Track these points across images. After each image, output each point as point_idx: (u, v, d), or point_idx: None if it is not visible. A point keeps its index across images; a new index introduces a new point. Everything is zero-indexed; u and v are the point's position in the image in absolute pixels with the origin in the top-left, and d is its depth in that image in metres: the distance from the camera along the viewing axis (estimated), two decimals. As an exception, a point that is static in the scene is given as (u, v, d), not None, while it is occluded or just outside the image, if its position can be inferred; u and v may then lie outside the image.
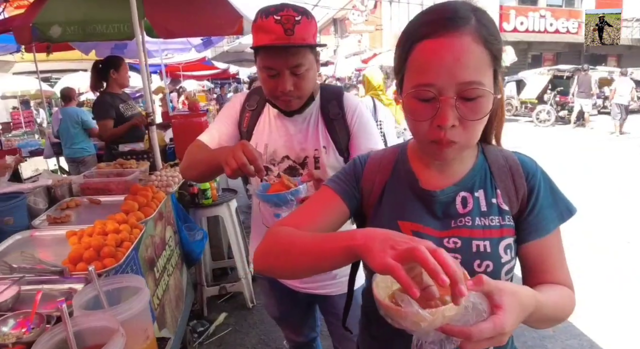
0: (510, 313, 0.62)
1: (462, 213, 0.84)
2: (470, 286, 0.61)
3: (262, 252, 0.85)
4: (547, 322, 0.79)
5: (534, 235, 0.83)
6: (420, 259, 0.55)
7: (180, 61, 10.80)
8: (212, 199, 2.87)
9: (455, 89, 0.72)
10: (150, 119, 2.78)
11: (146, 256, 2.00)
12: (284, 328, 1.82)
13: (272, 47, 1.21)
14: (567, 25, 20.71)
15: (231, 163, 1.09)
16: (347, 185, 0.93)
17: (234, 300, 3.18)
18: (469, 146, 0.80)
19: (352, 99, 1.42)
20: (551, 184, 0.86)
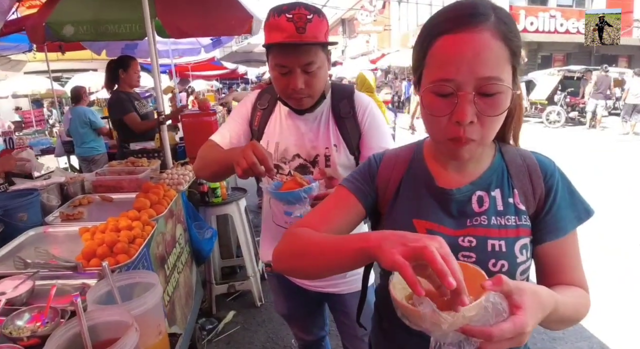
0: (531, 313, 0.62)
1: (478, 212, 0.84)
2: (489, 286, 0.60)
3: (281, 252, 0.86)
4: (562, 323, 0.78)
5: (551, 236, 0.83)
6: (429, 259, 0.56)
7: (189, 61, 10.87)
8: (221, 197, 2.88)
9: (474, 85, 0.71)
10: (162, 118, 2.79)
11: (157, 253, 2.02)
12: (293, 326, 1.82)
13: (284, 45, 1.21)
14: (577, 25, 20.46)
15: (242, 163, 1.11)
16: (362, 184, 0.94)
17: (242, 298, 3.19)
18: (486, 144, 0.79)
19: (363, 98, 1.42)
20: (569, 184, 0.86)
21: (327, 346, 1.92)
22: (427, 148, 0.93)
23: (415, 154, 0.94)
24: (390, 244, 0.61)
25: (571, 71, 14.50)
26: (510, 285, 0.61)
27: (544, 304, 0.66)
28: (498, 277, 0.61)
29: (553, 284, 0.84)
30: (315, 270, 0.81)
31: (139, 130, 3.51)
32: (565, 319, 0.77)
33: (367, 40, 25.18)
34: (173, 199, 2.18)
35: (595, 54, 20.62)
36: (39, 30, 3.22)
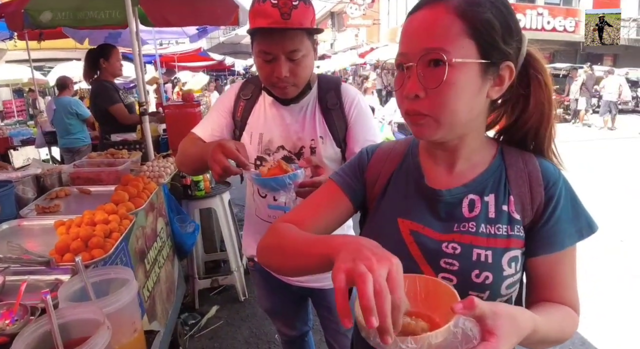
0: (504, 340, 0.57)
1: (468, 217, 0.78)
2: (459, 310, 0.56)
3: (263, 247, 0.86)
4: (542, 344, 0.73)
5: (547, 249, 0.77)
6: (359, 290, 0.51)
7: (175, 52, 10.70)
8: (205, 191, 2.83)
9: (419, 56, 0.70)
10: (143, 109, 2.72)
11: (136, 247, 1.97)
12: (276, 321, 1.79)
13: (268, 31, 1.17)
14: (564, 23, 20.71)
15: (215, 168, 1.10)
16: (352, 179, 0.90)
17: (226, 293, 3.15)
18: (449, 124, 0.72)
19: (350, 90, 1.39)
20: (573, 196, 0.78)
21: (311, 341, 1.90)
22: (423, 143, 0.88)
23: (410, 148, 0.90)
24: (344, 256, 0.57)
25: (557, 69, 14.67)
26: (483, 308, 0.57)
27: (521, 328, 0.61)
28: (470, 299, 0.56)
29: (542, 299, 0.79)
30: (290, 269, 0.81)
31: (126, 122, 3.44)
32: (547, 341, 0.72)
33: (356, 34, 25.09)
34: (153, 192, 2.12)
35: (581, 52, 20.89)
36: (18, 17, 3.14)
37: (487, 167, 0.81)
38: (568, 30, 20.89)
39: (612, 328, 2.70)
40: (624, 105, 14.96)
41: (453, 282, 0.75)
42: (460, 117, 0.73)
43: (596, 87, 13.63)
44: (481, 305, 0.57)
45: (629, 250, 3.89)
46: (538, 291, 0.80)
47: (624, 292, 3.15)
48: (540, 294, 0.79)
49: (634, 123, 12.54)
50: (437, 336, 0.53)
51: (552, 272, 0.78)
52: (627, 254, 3.81)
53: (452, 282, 0.75)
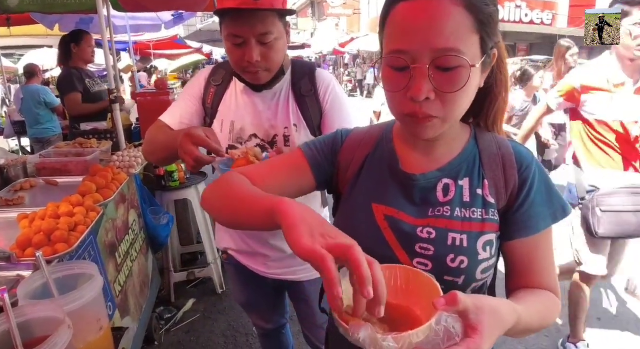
0: (488, 335, 0.55)
1: (442, 202, 0.77)
2: (441, 305, 0.54)
3: (211, 190, 0.83)
4: (526, 332, 0.73)
5: (522, 233, 0.76)
6: (354, 261, 0.50)
7: (150, 39, 10.40)
8: (179, 181, 2.75)
9: (430, 57, 0.64)
10: (114, 97, 2.62)
11: (106, 240, 1.90)
12: (251, 314, 1.75)
13: (238, 12, 1.11)
14: (541, 16, 21.03)
15: (186, 160, 1.05)
16: (321, 155, 0.87)
17: (203, 286, 3.09)
18: (451, 122, 0.71)
19: (325, 76, 1.34)
20: (547, 179, 0.78)
21: (288, 333, 1.87)
22: (397, 128, 0.86)
23: (384, 133, 0.87)
24: (308, 229, 0.55)
25: (533, 61, 14.87)
26: (466, 303, 0.55)
27: (504, 322, 0.60)
28: (453, 295, 0.54)
29: (522, 285, 0.79)
30: (231, 218, 0.77)
31: (72, 113, 3.35)
32: (530, 330, 0.72)
33: (337, 23, 24.95)
34: (123, 183, 2.04)
35: (557, 44, 21.28)
36: (-19, 1, 2.95)
37: (461, 152, 0.79)
38: (545, 23, 21.23)
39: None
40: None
41: (428, 267, 0.74)
42: (464, 111, 0.72)
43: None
44: (464, 300, 0.54)
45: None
46: (517, 277, 0.80)
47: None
48: (520, 280, 0.79)
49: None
50: (419, 334, 0.51)
51: (530, 256, 0.78)
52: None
53: (427, 267, 0.74)
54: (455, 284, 0.73)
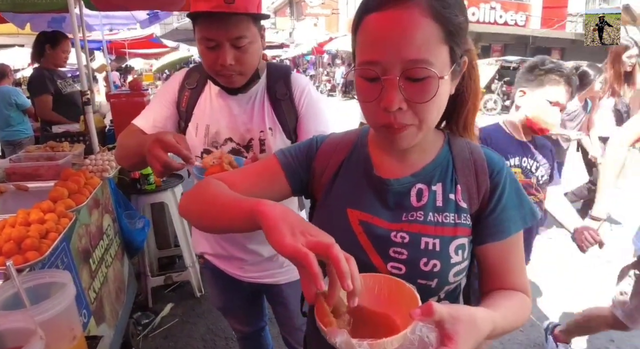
0: (463, 344, 0.57)
1: (416, 207, 0.78)
2: (417, 315, 0.55)
3: (188, 197, 0.84)
4: (500, 336, 0.75)
5: (494, 237, 0.78)
6: (333, 257, 0.54)
7: (125, 38, 10.18)
8: (155, 184, 2.70)
9: (400, 68, 0.65)
10: (86, 98, 2.55)
11: (80, 247, 1.85)
12: (229, 318, 1.74)
13: (211, 16, 1.10)
14: (515, 17, 21.55)
15: (154, 165, 1.03)
16: (295, 162, 0.88)
17: (181, 290, 3.05)
18: (426, 129, 0.72)
19: (300, 79, 1.34)
20: (517, 185, 0.81)
21: (267, 335, 1.87)
22: (372, 133, 0.87)
23: (360, 138, 0.88)
24: (289, 228, 0.58)
25: (508, 61, 15.23)
26: (442, 313, 0.56)
27: (480, 331, 0.61)
28: (429, 305, 0.56)
29: (495, 287, 0.81)
30: (210, 223, 0.78)
31: (44, 117, 3.29)
32: (504, 332, 0.74)
33: (315, 23, 24.95)
34: (96, 187, 2.00)
35: (531, 45, 21.82)
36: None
37: (435, 157, 0.81)
38: (519, 24, 21.76)
39: (560, 308, 2.85)
40: (569, 96, 15.82)
41: (402, 271, 0.76)
42: (438, 118, 0.74)
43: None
44: (440, 310, 0.56)
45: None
46: (490, 279, 0.82)
47: (569, 274, 3.33)
48: (493, 282, 0.82)
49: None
50: (393, 342, 0.53)
51: (501, 259, 0.80)
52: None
53: (400, 271, 0.76)
54: (429, 287, 0.75)
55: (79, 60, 2.66)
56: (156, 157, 1.02)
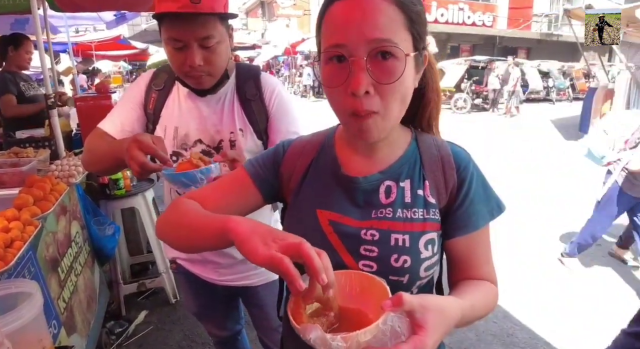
0: (433, 332, 0.59)
1: (385, 204, 0.79)
2: (388, 307, 0.57)
3: (163, 220, 0.85)
4: (469, 323, 0.77)
5: (463, 230, 0.80)
6: (306, 255, 0.56)
7: (92, 39, 9.91)
8: (125, 189, 2.63)
9: (366, 49, 0.67)
10: (51, 102, 2.47)
11: (47, 255, 1.79)
12: (205, 323, 1.72)
13: (177, 16, 1.08)
14: (483, 18, 22.12)
15: (132, 166, 1.02)
16: (263, 170, 0.88)
17: (155, 297, 2.99)
18: (392, 119, 0.73)
19: (270, 79, 1.33)
20: (483, 178, 0.83)
21: (244, 339, 1.85)
22: (339, 133, 0.88)
23: (326, 139, 0.89)
24: (261, 238, 0.60)
25: (476, 61, 15.63)
26: (412, 303, 0.58)
27: (449, 319, 0.63)
28: (398, 296, 0.58)
29: (463, 278, 0.83)
30: (186, 244, 0.80)
31: (7, 113, 3.20)
32: (473, 320, 0.76)
33: (287, 24, 24.90)
34: (63, 193, 1.94)
35: (498, 45, 22.43)
36: None
37: (403, 154, 0.82)
38: (486, 24, 22.34)
39: (531, 300, 2.94)
40: (536, 94, 16.37)
41: (373, 268, 0.77)
42: (402, 110, 0.74)
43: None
44: (409, 300, 0.58)
45: (543, 227, 4.25)
46: (458, 271, 0.84)
47: (541, 267, 3.44)
48: (461, 273, 0.84)
49: (545, 110, 13.78)
50: (366, 334, 0.54)
51: (469, 251, 0.82)
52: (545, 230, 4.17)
53: (372, 268, 0.77)
54: (400, 283, 0.76)
55: (42, 62, 2.58)
56: (134, 158, 1.00)
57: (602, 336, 2.54)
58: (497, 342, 2.51)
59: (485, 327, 2.64)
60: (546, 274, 3.32)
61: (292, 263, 0.56)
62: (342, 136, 0.87)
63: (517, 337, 2.55)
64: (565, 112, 12.98)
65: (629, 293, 3.04)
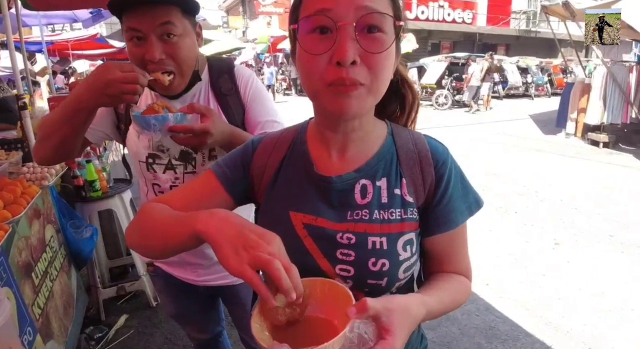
0: (400, 333, 0.59)
1: (361, 205, 0.75)
2: (353, 314, 0.56)
3: (131, 228, 0.80)
4: (438, 317, 0.76)
5: (442, 228, 0.78)
6: (274, 276, 0.55)
7: (68, 38, 9.65)
8: (101, 191, 2.57)
9: (355, 16, 0.63)
10: (22, 103, 2.40)
11: (20, 261, 1.74)
12: (185, 326, 1.69)
13: (134, 4, 1.04)
14: (462, 15, 22.38)
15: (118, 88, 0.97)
16: (231, 171, 0.84)
17: (135, 300, 2.93)
18: (377, 94, 0.69)
19: (244, 71, 1.30)
20: (461, 174, 0.80)
21: (225, 340, 1.83)
22: (311, 128, 0.83)
23: (298, 135, 0.84)
24: (232, 246, 0.57)
25: (456, 58, 15.78)
26: (376, 308, 0.58)
27: (414, 317, 0.63)
28: (362, 303, 0.57)
29: (437, 271, 0.83)
30: (162, 251, 0.75)
31: None
32: (442, 313, 0.76)
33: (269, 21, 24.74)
34: (35, 196, 1.88)
35: (478, 42, 22.73)
36: None
37: (378, 150, 0.78)
38: (466, 22, 22.61)
39: (512, 293, 2.98)
40: (515, 90, 16.64)
41: (350, 273, 0.74)
42: (385, 89, 0.70)
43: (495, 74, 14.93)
44: (373, 305, 0.57)
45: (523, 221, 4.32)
46: (434, 265, 0.84)
47: (521, 260, 3.49)
48: (436, 266, 0.83)
49: (523, 105, 14.00)
50: (334, 344, 0.53)
51: (447, 248, 0.81)
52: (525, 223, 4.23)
53: (349, 273, 0.74)
54: (379, 286, 0.74)
55: (13, 62, 2.50)
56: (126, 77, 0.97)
57: (582, 326, 2.59)
58: (479, 335, 2.54)
59: (468, 321, 2.66)
60: (527, 267, 3.37)
61: (262, 281, 0.55)
62: (314, 131, 0.82)
63: (499, 329, 2.58)
64: (543, 107, 13.22)
65: (609, 284, 3.11)
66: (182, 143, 1.11)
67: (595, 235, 3.92)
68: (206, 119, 1.07)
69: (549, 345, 2.43)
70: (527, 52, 20.39)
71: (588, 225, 4.15)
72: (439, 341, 2.48)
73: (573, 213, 4.48)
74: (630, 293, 2.96)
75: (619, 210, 4.53)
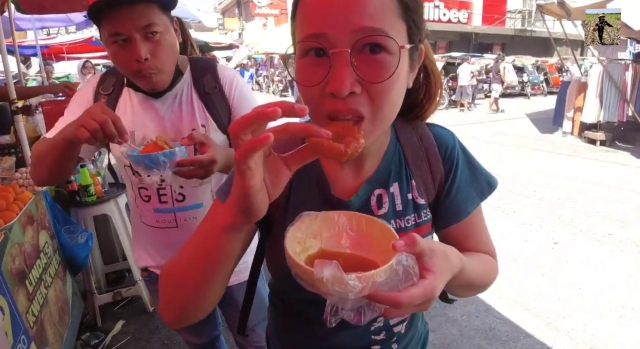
0: (441, 277, 0.55)
1: (378, 216, 0.71)
2: (401, 247, 0.51)
3: (163, 303, 0.67)
4: (469, 288, 0.73)
5: (454, 219, 0.76)
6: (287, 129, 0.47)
7: (63, 42, 9.62)
8: (96, 196, 2.53)
9: (351, 40, 0.54)
10: (15, 107, 2.37)
11: (13, 268, 1.71)
12: (181, 331, 1.66)
13: (114, 5, 1.02)
14: (458, 15, 22.45)
15: (89, 124, 0.94)
16: None
17: (132, 305, 2.90)
18: (383, 125, 0.62)
19: (228, 70, 1.28)
20: (469, 158, 0.77)
21: (222, 345, 1.80)
22: None
23: None
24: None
25: (452, 57, 15.80)
26: (423, 246, 0.53)
27: (453, 266, 0.59)
28: (411, 236, 0.52)
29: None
30: (202, 291, 0.64)
31: None
32: (473, 283, 0.72)
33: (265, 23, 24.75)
34: (28, 202, 1.85)
35: (474, 42, 22.79)
36: None
37: (385, 153, 0.74)
38: (462, 21, 22.68)
39: (512, 294, 2.96)
40: (512, 89, 16.66)
41: None
42: (394, 114, 0.63)
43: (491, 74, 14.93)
44: (420, 242, 0.53)
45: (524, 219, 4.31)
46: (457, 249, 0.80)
47: (521, 260, 3.48)
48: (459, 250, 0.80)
49: (520, 105, 14.02)
50: (381, 274, 0.50)
51: (465, 235, 0.79)
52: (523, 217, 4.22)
53: None
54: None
55: (5, 66, 2.47)
56: (95, 117, 0.94)
57: (582, 326, 2.58)
58: (479, 336, 2.52)
59: (467, 322, 2.65)
60: (526, 267, 3.36)
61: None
62: None
63: (499, 331, 2.57)
64: (540, 106, 13.24)
65: (609, 283, 3.10)
66: (188, 177, 1.06)
67: (594, 234, 3.92)
68: (207, 148, 1.05)
69: (549, 346, 2.42)
70: (523, 51, 20.45)
71: (587, 224, 4.14)
72: (439, 343, 2.47)
73: (571, 212, 4.48)
74: (630, 291, 2.95)
75: (618, 208, 4.53)
